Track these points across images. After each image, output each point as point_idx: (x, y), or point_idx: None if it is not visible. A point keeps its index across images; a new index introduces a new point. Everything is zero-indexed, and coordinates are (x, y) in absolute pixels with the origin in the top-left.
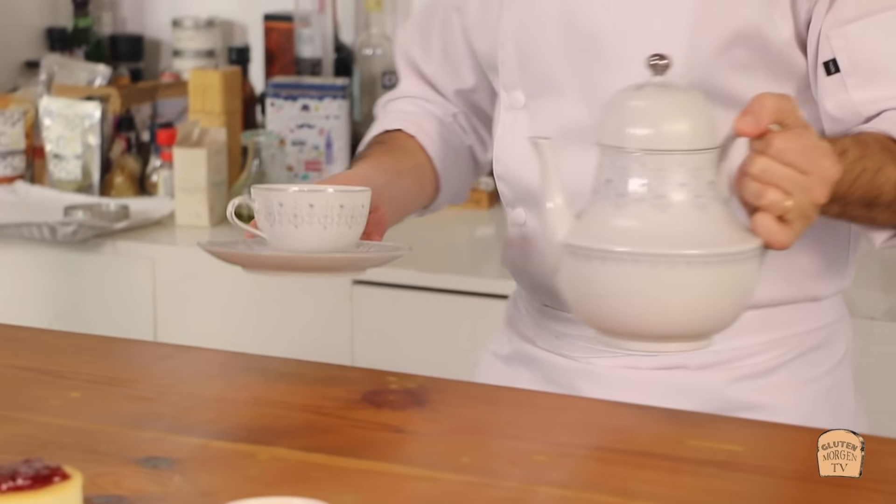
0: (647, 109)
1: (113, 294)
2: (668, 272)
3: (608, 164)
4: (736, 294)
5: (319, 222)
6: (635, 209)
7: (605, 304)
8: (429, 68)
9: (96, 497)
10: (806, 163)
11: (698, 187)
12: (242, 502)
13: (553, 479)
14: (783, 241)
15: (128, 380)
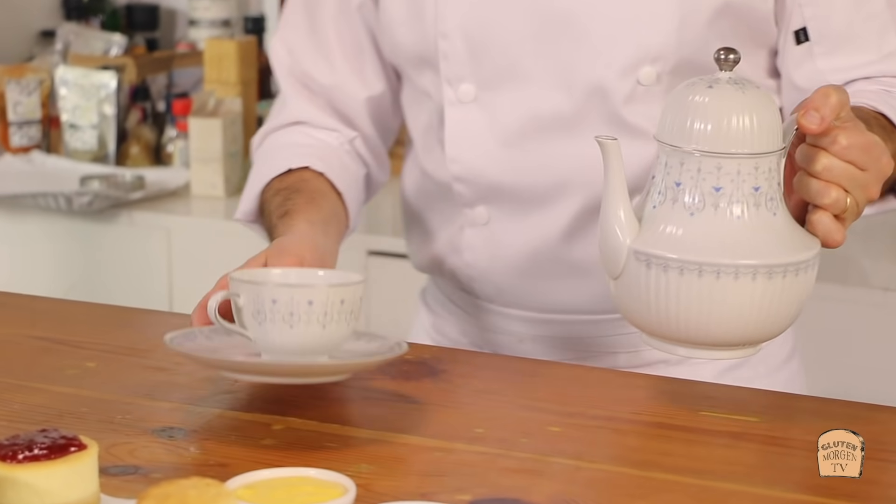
0: (722, 109)
1: (128, 264)
2: (734, 283)
3: (676, 166)
4: (797, 301)
5: (318, 321)
6: (710, 215)
7: (677, 314)
8: (327, 80)
9: (112, 467)
10: (867, 159)
11: (770, 190)
12: (257, 473)
13: (567, 451)
14: (839, 240)
15: (144, 350)
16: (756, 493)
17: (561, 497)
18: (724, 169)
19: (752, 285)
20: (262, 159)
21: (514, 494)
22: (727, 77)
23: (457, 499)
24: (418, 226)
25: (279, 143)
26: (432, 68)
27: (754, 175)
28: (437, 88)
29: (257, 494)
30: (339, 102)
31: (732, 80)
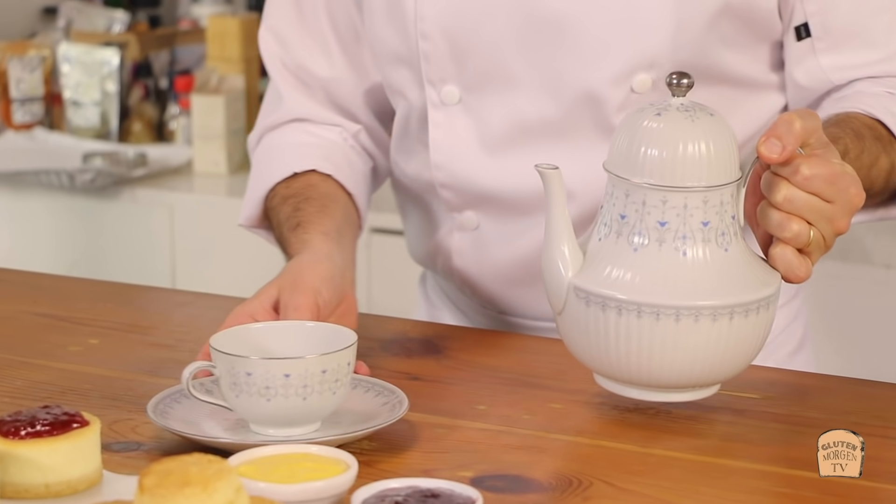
0: (668, 137)
1: (131, 241)
2: (692, 325)
3: (622, 198)
4: (751, 340)
5: (297, 394)
6: (654, 251)
7: (620, 355)
8: (325, 73)
9: (114, 443)
10: (833, 191)
11: (721, 224)
12: (259, 449)
13: (569, 427)
14: (802, 275)
15: (146, 327)
16: (758, 469)
17: (562, 473)
18: (670, 203)
19: (696, 327)
20: (262, 161)
21: (516, 471)
22: (678, 104)
23: (459, 475)
24: (411, 222)
25: (280, 143)
26: (410, 68)
27: (703, 209)
28: (413, 89)
29: (259, 471)
30: (338, 96)
31: (684, 106)
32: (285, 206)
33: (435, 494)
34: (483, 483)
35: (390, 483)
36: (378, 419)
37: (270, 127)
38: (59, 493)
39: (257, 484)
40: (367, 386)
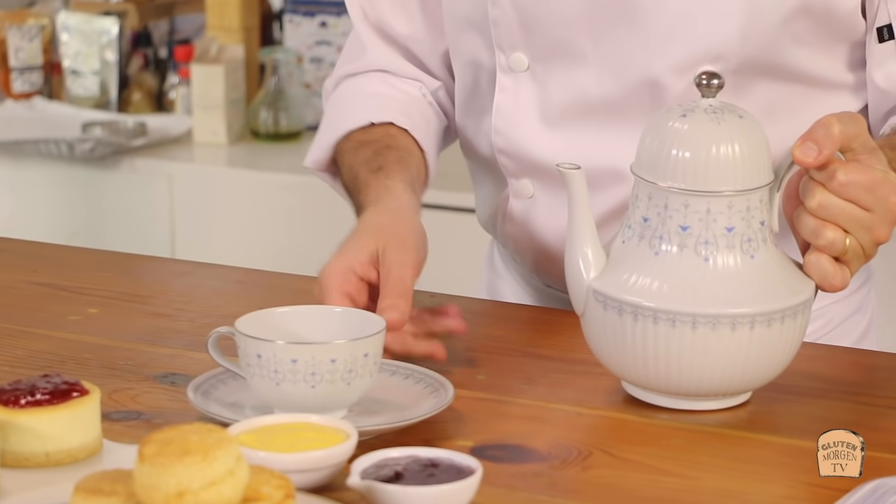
0: (693, 140)
1: (130, 211)
2: (709, 333)
3: (645, 200)
4: (783, 349)
5: (305, 381)
6: (675, 256)
7: (638, 361)
8: (405, 30)
9: (114, 412)
10: (871, 200)
11: (748, 230)
12: (259, 419)
13: (569, 397)
14: (837, 285)
15: (146, 296)
16: (760, 439)
17: (563, 443)
18: (693, 207)
19: (714, 335)
20: (338, 107)
21: (517, 441)
22: (707, 105)
23: (458, 445)
24: (478, 185)
25: (361, 91)
26: (481, 33)
27: (727, 214)
28: (484, 53)
29: (259, 440)
30: (419, 52)
31: (712, 108)
32: (364, 149)
33: (434, 464)
34: (483, 453)
35: (390, 452)
36: (420, 408)
37: (350, 74)
38: (59, 461)
39: (257, 453)
40: (406, 373)
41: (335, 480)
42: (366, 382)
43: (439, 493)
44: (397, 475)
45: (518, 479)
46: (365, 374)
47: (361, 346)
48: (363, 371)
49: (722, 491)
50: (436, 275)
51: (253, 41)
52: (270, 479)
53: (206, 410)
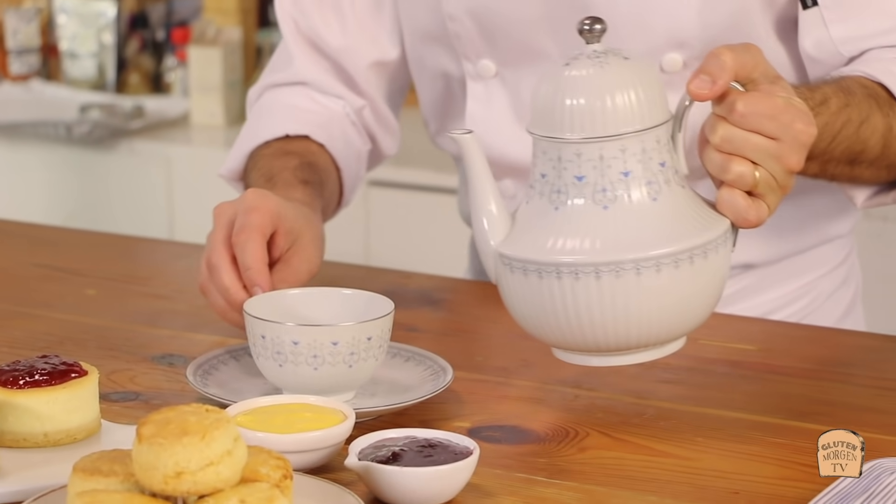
0: (577, 87)
1: (128, 193)
2: (616, 282)
3: (541, 156)
4: (700, 291)
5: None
6: (575, 209)
7: (553, 321)
8: (337, 42)
9: (112, 393)
10: (775, 127)
11: (647, 173)
12: (257, 399)
13: (566, 379)
14: (754, 219)
15: (143, 278)
16: (754, 420)
17: (560, 425)
18: (585, 155)
19: (619, 283)
20: (258, 116)
21: (513, 422)
22: (590, 51)
23: (456, 426)
24: (461, 182)
25: (280, 103)
26: (443, 45)
27: (621, 159)
28: (451, 63)
29: (257, 420)
30: (349, 66)
31: (595, 53)
32: (289, 158)
33: (432, 444)
34: (480, 433)
35: (387, 433)
36: (419, 390)
37: (274, 85)
38: (57, 441)
39: (255, 434)
40: (406, 355)
41: (333, 461)
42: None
43: (437, 474)
44: (395, 456)
45: (515, 460)
46: (369, 358)
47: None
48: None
49: (718, 471)
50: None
51: (250, 23)
52: (268, 460)
53: (204, 391)
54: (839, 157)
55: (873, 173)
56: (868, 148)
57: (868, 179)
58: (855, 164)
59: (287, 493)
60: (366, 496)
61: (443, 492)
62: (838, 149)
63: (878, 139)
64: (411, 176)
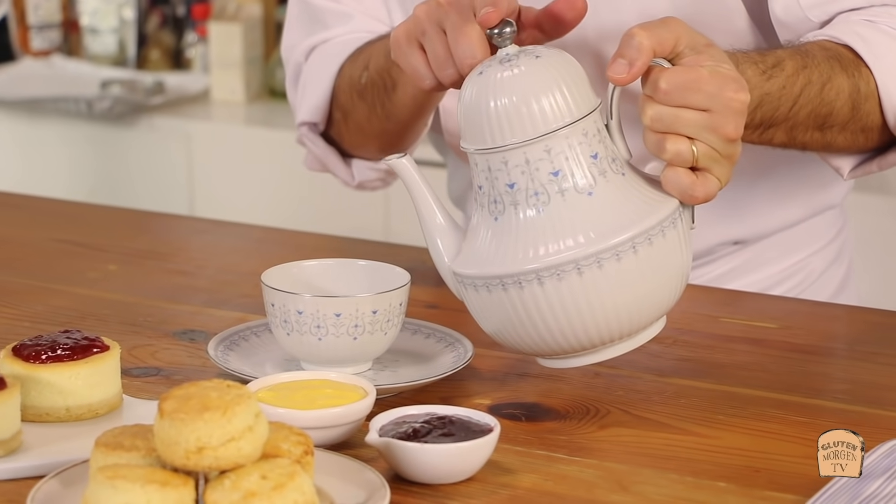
0: (493, 92)
1: (148, 169)
2: (558, 285)
3: (474, 168)
4: (668, 268)
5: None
6: (513, 217)
7: (522, 331)
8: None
9: (134, 368)
10: (703, 98)
11: (578, 168)
12: (278, 375)
13: None
14: (701, 195)
15: (165, 253)
16: (776, 398)
17: (580, 402)
18: (511, 162)
19: (564, 285)
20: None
21: (533, 399)
22: (503, 55)
23: (475, 403)
24: (451, 162)
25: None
26: None
27: (548, 160)
28: None
29: (278, 396)
30: None
31: (507, 56)
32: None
33: (452, 421)
34: (500, 411)
35: (408, 410)
36: (439, 366)
37: (326, 40)
38: (79, 416)
39: (276, 409)
40: (427, 332)
41: (354, 437)
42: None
43: (457, 451)
44: (415, 432)
45: (535, 438)
46: (376, 332)
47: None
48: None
49: (740, 450)
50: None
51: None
52: (289, 436)
53: (225, 367)
54: (805, 121)
55: (848, 139)
56: (835, 111)
57: (844, 146)
58: (825, 129)
59: (308, 469)
60: (386, 472)
61: (463, 468)
62: (802, 113)
63: (844, 100)
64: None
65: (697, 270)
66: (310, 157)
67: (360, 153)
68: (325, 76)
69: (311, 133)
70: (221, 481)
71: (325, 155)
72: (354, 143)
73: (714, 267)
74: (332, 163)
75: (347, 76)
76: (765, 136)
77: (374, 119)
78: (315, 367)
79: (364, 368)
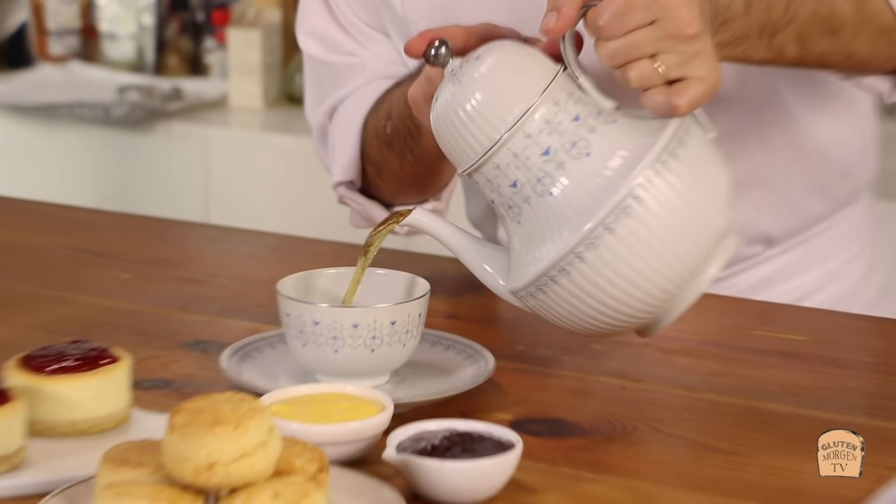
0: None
1: (165, 176)
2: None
3: (479, 188)
4: (698, 183)
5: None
6: (531, 213)
7: (591, 317)
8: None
9: (144, 380)
10: (641, 14)
11: (564, 139)
12: (293, 388)
13: (611, 369)
14: (684, 102)
15: (178, 262)
16: (809, 414)
17: (605, 417)
18: (501, 164)
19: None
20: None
21: (557, 414)
22: (449, 71)
23: (498, 418)
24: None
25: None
26: None
27: (533, 145)
28: None
29: (294, 410)
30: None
31: (452, 71)
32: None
33: (473, 437)
34: (523, 426)
35: (427, 425)
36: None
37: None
38: (85, 430)
39: (290, 424)
40: (447, 343)
41: (370, 454)
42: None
43: (478, 468)
44: (434, 449)
45: (560, 455)
46: (394, 343)
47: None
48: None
49: (772, 469)
50: None
51: (290, 5)
52: (304, 452)
53: (238, 379)
54: (810, 25)
55: (868, 43)
56: (837, 9)
57: (869, 53)
58: (836, 33)
59: (323, 486)
60: (404, 491)
61: (484, 487)
62: (802, 13)
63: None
64: None
65: (729, 280)
66: (354, 214)
67: (401, 200)
68: (351, 133)
69: (349, 192)
70: (232, 500)
71: (367, 209)
72: (392, 192)
73: (747, 276)
74: (376, 215)
75: (373, 129)
76: (773, 48)
77: (406, 166)
78: (331, 379)
79: (381, 381)
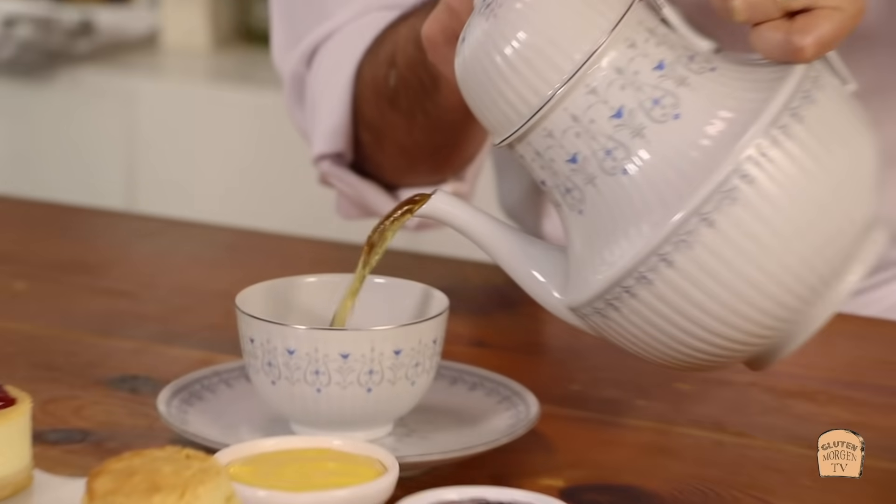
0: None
1: (72, 146)
2: (692, 252)
3: (523, 163)
4: (830, 150)
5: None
6: (596, 194)
7: (680, 345)
8: None
9: (50, 431)
10: None
11: (644, 95)
12: (258, 442)
13: (704, 417)
14: (810, 41)
15: (96, 266)
16: None
17: (694, 485)
18: (556, 128)
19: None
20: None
21: (626, 480)
22: (479, 4)
23: (543, 484)
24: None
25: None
26: None
27: (598, 105)
28: None
29: (258, 473)
30: None
31: (484, 3)
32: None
33: None
34: (579, 496)
35: (446, 493)
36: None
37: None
38: None
39: (256, 492)
40: (472, 380)
41: None
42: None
43: None
44: None
45: None
46: (398, 380)
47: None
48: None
49: None
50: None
51: None
52: None
53: (183, 429)
54: None
55: None
56: None
57: None
58: None
59: None
60: None
61: None
62: None
63: None
64: None
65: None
66: (342, 199)
67: (409, 181)
68: (339, 87)
69: (335, 168)
70: None
71: (361, 192)
72: (397, 168)
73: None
74: (373, 201)
75: (370, 80)
76: None
77: (417, 131)
78: (312, 430)
79: (383, 433)
